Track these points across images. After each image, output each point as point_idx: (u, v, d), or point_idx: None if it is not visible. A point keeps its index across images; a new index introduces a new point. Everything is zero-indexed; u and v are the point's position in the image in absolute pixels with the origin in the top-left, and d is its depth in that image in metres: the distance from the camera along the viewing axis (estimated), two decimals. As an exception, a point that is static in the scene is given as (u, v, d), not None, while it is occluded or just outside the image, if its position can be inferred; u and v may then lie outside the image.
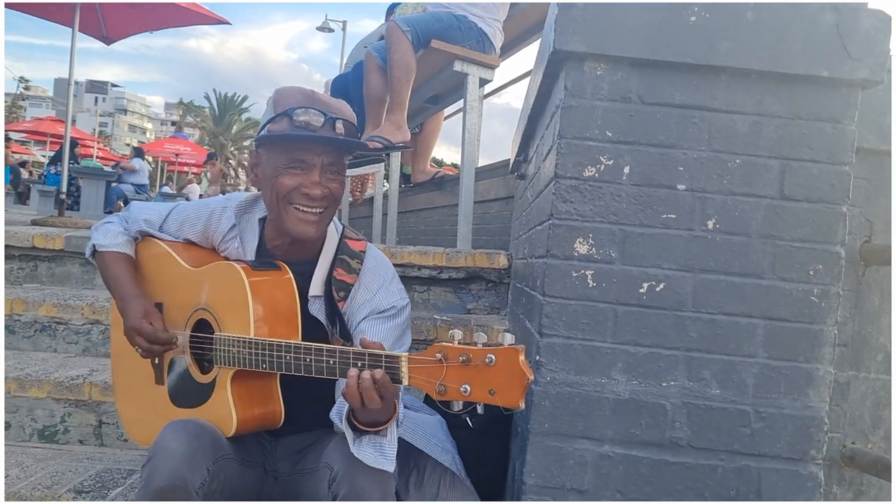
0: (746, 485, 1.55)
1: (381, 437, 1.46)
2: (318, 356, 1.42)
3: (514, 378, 1.18)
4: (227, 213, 1.79)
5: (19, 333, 2.74)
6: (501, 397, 1.19)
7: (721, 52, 1.53)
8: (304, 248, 1.73)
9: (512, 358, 1.18)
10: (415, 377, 1.28)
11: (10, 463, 2.15)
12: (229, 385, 1.57)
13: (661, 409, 1.56)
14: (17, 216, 6.30)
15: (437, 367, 1.24)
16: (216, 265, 1.68)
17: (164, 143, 27.15)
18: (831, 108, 1.55)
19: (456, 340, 1.24)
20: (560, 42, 1.55)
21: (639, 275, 1.57)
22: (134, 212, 1.87)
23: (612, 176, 1.57)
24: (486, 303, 2.93)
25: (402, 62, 3.54)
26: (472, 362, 1.21)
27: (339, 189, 1.66)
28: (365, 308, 1.70)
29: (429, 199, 5.84)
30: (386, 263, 1.80)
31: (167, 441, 1.45)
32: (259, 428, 1.65)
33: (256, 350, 1.51)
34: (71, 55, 6.26)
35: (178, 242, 1.83)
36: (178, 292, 1.74)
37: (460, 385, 1.21)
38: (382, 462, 1.43)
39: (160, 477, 1.40)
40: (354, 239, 1.80)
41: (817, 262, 1.55)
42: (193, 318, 1.69)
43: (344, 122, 1.63)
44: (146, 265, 1.84)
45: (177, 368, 1.72)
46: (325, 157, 1.62)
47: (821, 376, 1.55)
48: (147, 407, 1.78)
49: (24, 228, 3.22)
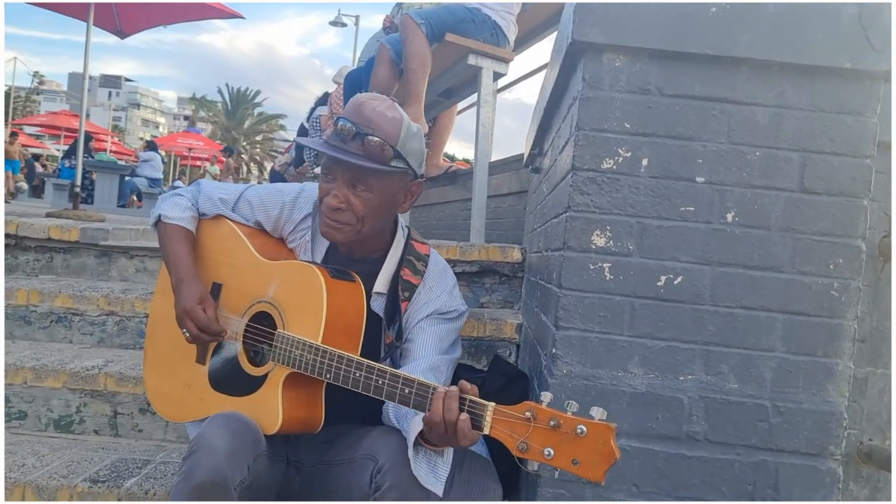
0: (763, 480, 1.54)
1: (437, 456, 1.45)
2: (394, 382, 1.41)
3: (603, 455, 1.19)
4: (301, 202, 1.80)
5: (35, 324, 2.76)
6: (584, 470, 1.19)
7: (741, 44, 1.51)
8: (371, 248, 1.74)
9: (604, 435, 1.19)
10: (497, 429, 1.27)
11: (26, 452, 2.16)
12: (281, 385, 1.56)
13: (678, 402, 1.55)
14: (31, 209, 6.33)
15: (524, 425, 1.24)
16: (293, 263, 1.68)
17: (176, 137, 27.26)
18: (853, 101, 1.53)
19: (545, 403, 1.24)
20: (578, 33, 1.54)
21: (656, 268, 1.56)
22: (207, 189, 1.86)
23: (630, 168, 1.56)
24: (499, 297, 2.92)
25: (418, 54, 3.53)
26: (562, 429, 1.21)
27: (366, 205, 1.62)
28: (428, 307, 1.72)
29: (441, 193, 5.83)
30: (449, 270, 1.83)
31: (211, 436, 1.44)
32: (297, 431, 1.64)
33: (322, 358, 1.49)
34: (86, 50, 6.29)
35: (248, 227, 1.82)
36: (243, 278, 1.73)
37: (544, 448, 1.22)
38: (433, 483, 1.43)
39: (202, 472, 1.40)
40: (420, 242, 1.81)
41: (837, 256, 1.53)
42: (254, 308, 1.68)
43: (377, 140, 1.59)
44: (212, 244, 1.83)
45: (224, 353, 1.71)
46: (347, 172, 1.61)
47: (840, 371, 1.53)
48: (180, 382, 1.77)
49: (39, 220, 3.23)
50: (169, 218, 1.80)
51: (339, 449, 1.66)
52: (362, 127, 1.59)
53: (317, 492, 1.68)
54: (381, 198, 1.64)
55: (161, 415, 1.86)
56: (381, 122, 1.61)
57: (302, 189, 1.83)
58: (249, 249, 1.74)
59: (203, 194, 1.85)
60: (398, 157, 1.62)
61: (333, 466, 1.64)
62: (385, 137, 1.60)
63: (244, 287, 1.72)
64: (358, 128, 1.59)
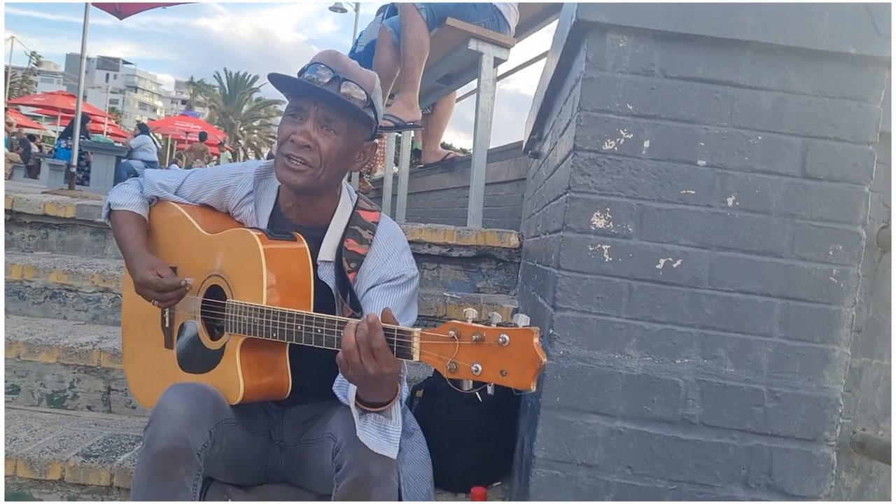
0: (758, 464, 1.54)
1: (385, 419, 1.45)
2: (330, 328, 1.41)
3: (527, 360, 1.15)
4: (244, 179, 1.79)
5: (29, 300, 2.74)
6: (513, 379, 1.16)
7: (747, 27, 1.50)
8: (316, 213, 1.73)
9: (526, 340, 1.15)
10: (426, 353, 1.26)
11: (18, 426, 2.16)
12: (238, 353, 1.57)
13: (674, 385, 1.54)
14: (27, 188, 6.30)
15: (450, 345, 1.22)
16: (232, 231, 1.67)
17: (174, 120, 27.14)
18: (857, 86, 1.52)
19: (470, 319, 1.22)
20: (582, 12, 1.52)
21: (655, 250, 1.55)
22: (150, 176, 1.87)
23: (631, 150, 1.55)
24: (495, 282, 2.91)
25: (416, 40, 3.51)
26: (486, 342, 1.18)
27: (332, 148, 1.62)
28: (374, 275, 1.69)
29: (439, 180, 5.82)
30: (399, 234, 1.79)
31: (169, 403, 1.45)
32: (266, 398, 1.64)
33: (267, 318, 1.50)
34: (84, 30, 6.25)
35: (193, 206, 1.83)
36: (193, 257, 1.73)
37: (472, 364, 1.19)
38: (385, 446, 1.43)
39: (162, 438, 1.40)
40: (368, 210, 1.79)
41: (837, 242, 1.53)
42: (207, 283, 1.68)
43: (353, 85, 1.62)
44: (161, 229, 1.83)
45: (187, 333, 1.71)
46: (321, 109, 1.61)
47: (837, 357, 1.53)
48: (154, 370, 1.78)
49: (35, 196, 3.22)
50: (117, 205, 1.83)
51: (314, 428, 1.66)
52: (340, 73, 1.63)
53: (298, 471, 1.69)
54: (346, 144, 1.66)
55: (143, 405, 1.88)
56: (357, 72, 1.66)
57: (244, 166, 1.84)
58: (195, 227, 1.75)
59: (147, 181, 1.86)
60: (369, 107, 1.67)
61: (311, 445, 1.65)
62: (361, 84, 1.64)
63: (195, 264, 1.72)
64: (336, 73, 1.62)
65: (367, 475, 1.41)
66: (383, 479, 1.42)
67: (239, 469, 1.64)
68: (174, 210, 1.81)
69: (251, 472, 1.69)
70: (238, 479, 1.67)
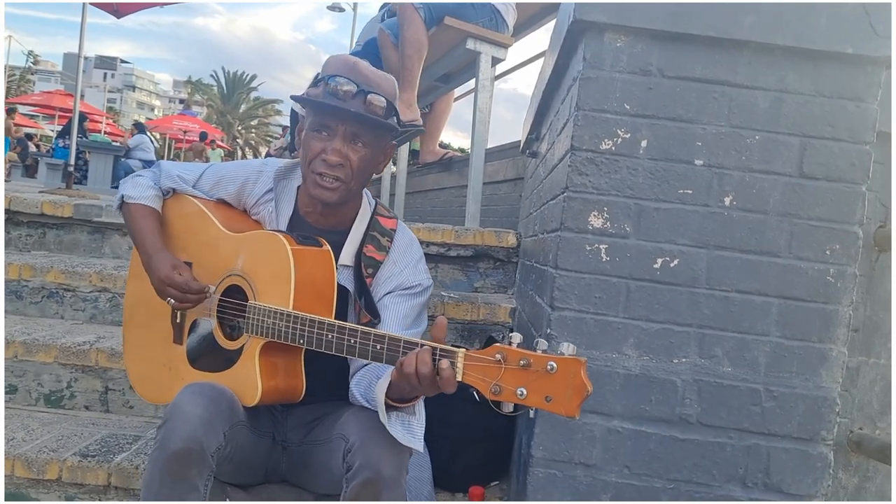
0: (755, 463, 1.54)
1: (409, 416, 1.45)
2: (365, 340, 1.40)
3: (575, 389, 1.17)
4: (264, 177, 1.78)
5: (27, 299, 2.74)
6: (558, 405, 1.18)
7: (745, 27, 1.51)
8: (337, 218, 1.73)
9: (574, 369, 1.18)
10: (469, 374, 1.27)
11: (16, 426, 2.15)
12: (258, 355, 1.55)
13: (671, 385, 1.55)
14: (25, 188, 6.29)
15: (495, 368, 1.23)
16: (259, 233, 1.66)
17: (172, 119, 27.11)
18: (855, 86, 1.52)
19: (515, 343, 1.24)
20: (580, 12, 1.52)
21: (653, 250, 1.55)
22: (167, 167, 1.84)
23: (629, 149, 1.55)
24: (493, 281, 2.91)
25: (414, 40, 3.51)
26: (532, 367, 1.20)
27: (361, 160, 1.63)
28: (391, 282, 1.70)
29: (436, 180, 5.82)
30: (415, 243, 1.81)
31: (185, 404, 1.43)
32: (279, 401, 1.63)
33: (295, 324, 1.48)
34: (81, 29, 6.24)
35: (211, 202, 1.80)
36: (211, 254, 1.71)
37: (516, 388, 1.21)
38: (411, 441, 1.43)
39: (177, 439, 1.39)
40: (386, 216, 1.79)
41: (834, 242, 1.53)
42: (225, 282, 1.67)
43: (378, 97, 1.61)
44: (177, 222, 1.81)
45: (200, 330, 1.70)
46: (349, 126, 1.60)
47: (834, 357, 1.53)
48: (160, 364, 1.76)
49: (33, 195, 3.21)
50: (132, 198, 1.79)
51: (321, 429, 1.66)
52: (364, 85, 1.62)
53: (301, 472, 1.68)
54: (373, 154, 1.67)
55: (145, 399, 1.85)
56: (379, 81, 1.67)
57: (264, 163, 1.82)
58: (215, 224, 1.73)
59: (164, 172, 1.83)
60: (392, 114, 1.67)
61: (316, 446, 1.64)
62: (385, 94, 1.64)
63: (213, 262, 1.70)
64: (360, 86, 1.61)
65: (378, 477, 1.40)
66: (394, 481, 1.42)
67: (244, 470, 1.64)
68: (192, 204, 1.79)
69: (254, 473, 1.69)
70: (241, 480, 1.67)
